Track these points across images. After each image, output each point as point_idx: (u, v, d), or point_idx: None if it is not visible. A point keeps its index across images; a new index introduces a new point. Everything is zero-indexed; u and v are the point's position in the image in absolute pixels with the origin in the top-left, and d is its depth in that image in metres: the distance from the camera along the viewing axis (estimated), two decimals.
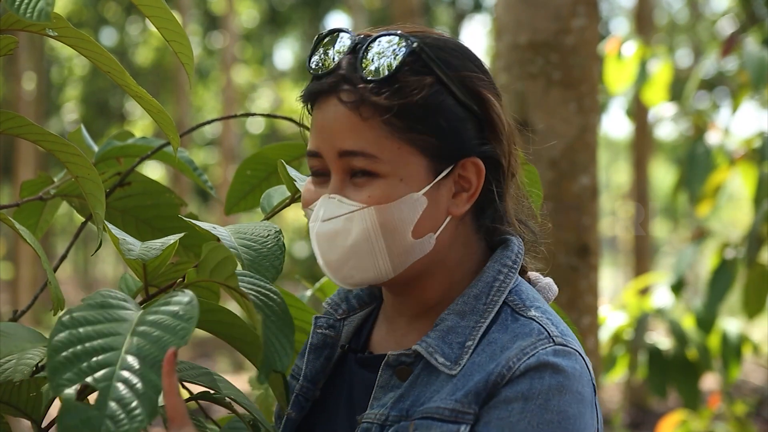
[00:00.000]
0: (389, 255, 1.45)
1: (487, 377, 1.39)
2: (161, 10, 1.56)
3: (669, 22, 17.70)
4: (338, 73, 1.46)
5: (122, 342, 1.23)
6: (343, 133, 1.44)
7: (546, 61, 2.80)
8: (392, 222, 1.44)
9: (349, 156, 1.44)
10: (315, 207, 1.47)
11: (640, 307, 4.80)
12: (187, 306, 1.27)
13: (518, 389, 1.38)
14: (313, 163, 1.49)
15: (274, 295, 1.42)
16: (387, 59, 1.45)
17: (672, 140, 17.54)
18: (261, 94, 18.54)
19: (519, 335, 1.43)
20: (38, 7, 1.33)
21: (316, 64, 1.49)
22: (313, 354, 1.56)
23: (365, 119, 1.43)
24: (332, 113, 1.45)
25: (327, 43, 1.50)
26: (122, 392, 1.18)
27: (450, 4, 18.38)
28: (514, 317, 1.46)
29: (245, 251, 1.50)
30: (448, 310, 1.48)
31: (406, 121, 1.44)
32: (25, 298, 11.11)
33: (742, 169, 4.76)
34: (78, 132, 2.08)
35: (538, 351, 1.40)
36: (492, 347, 1.43)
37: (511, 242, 1.54)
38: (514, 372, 1.39)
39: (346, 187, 1.45)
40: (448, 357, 1.44)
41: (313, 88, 1.48)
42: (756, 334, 8.51)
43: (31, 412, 1.50)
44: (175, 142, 1.63)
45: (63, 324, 1.23)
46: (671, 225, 25.05)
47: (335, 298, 1.61)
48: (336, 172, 1.46)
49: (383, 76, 1.44)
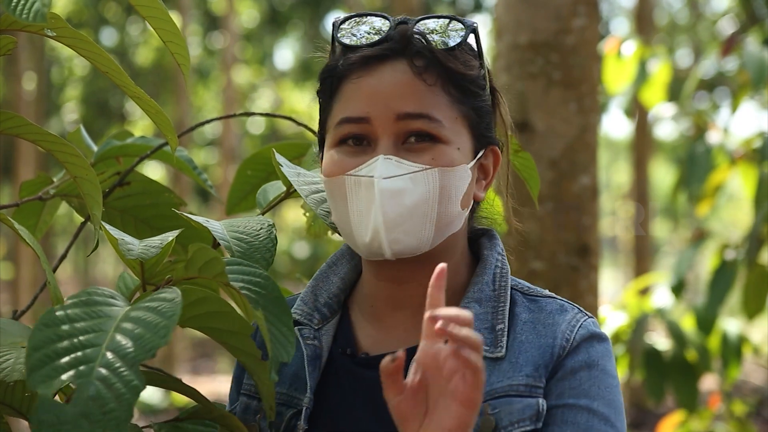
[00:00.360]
0: (436, 223, 1.47)
1: (551, 350, 1.47)
2: (159, 11, 1.56)
3: (669, 22, 17.69)
4: (401, 38, 1.47)
5: (104, 339, 1.22)
6: (406, 96, 1.45)
7: (546, 61, 2.80)
8: (450, 188, 1.46)
9: (410, 119, 1.45)
10: (366, 167, 1.45)
11: (640, 308, 4.80)
12: (171, 303, 1.26)
13: (579, 359, 1.47)
14: (351, 129, 1.47)
15: (265, 281, 1.41)
16: (447, 34, 1.49)
17: (672, 140, 17.54)
18: (261, 94, 18.53)
19: (554, 312, 1.51)
20: (34, 8, 1.33)
21: (361, 34, 1.49)
22: (311, 366, 1.54)
23: (430, 85, 1.46)
24: (390, 77, 1.46)
25: (357, 22, 1.51)
26: (101, 391, 1.16)
27: (450, 4, 18.37)
28: (530, 299, 1.53)
29: (237, 243, 1.50)
30: (467, 299, 1.52)
31: (462, 94, 1.48)
32: (25, 298, 11.11)
33: (742, 169, 4.76)
34: (77, 132, 2.08)
35: (582, 322, 1.49)
36: (531, 326, 1.50)
37: (493, 231, 1.60)
38: (572, 343, 1.47)
39: (400, 151, 1.45)
40: (485, 342, 1.47)
41: (370, 53, 1.47)
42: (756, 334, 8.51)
43: (26, 412, 1.50)
44: (173, 142, 1.63)
45: (44, 322, 1.22)
46: (671, 225, 25.05)
47: (305, 308, 1.58)
48: (389, 136, 1.45)
49: (450, 46, 1.48)
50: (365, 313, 1.58)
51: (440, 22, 1.50)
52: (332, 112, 1.51)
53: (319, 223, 1.91)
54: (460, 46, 1.49)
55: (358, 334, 1.57)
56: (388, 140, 1.45)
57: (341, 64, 1.50)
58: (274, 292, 1.39)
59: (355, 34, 1.50)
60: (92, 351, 1.20)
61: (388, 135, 1.45)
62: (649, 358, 4.71)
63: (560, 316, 1.50)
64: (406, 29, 1.49)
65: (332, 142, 1.49)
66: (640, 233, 10.58)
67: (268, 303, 1.38)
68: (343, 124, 1.47)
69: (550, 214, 2.77)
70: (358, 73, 1.47)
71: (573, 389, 1.45)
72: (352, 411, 1.51)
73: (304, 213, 1.91)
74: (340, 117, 1.48)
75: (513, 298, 1.53)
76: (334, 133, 1.49)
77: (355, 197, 1.45)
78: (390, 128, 1.45)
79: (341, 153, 1.48)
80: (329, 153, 1.50)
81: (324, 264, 1.62)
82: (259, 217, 1.59)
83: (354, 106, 1.47)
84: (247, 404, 1.58)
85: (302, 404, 1.52)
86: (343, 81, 1.49)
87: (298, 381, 1.54)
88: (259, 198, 1.77)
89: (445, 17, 1.50)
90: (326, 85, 1.52)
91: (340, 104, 1.49)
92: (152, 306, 1.27)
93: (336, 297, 1.59)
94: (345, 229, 1.50)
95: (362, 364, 1.53)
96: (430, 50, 1.47)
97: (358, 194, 1.45)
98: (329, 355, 1.56)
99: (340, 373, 1.54)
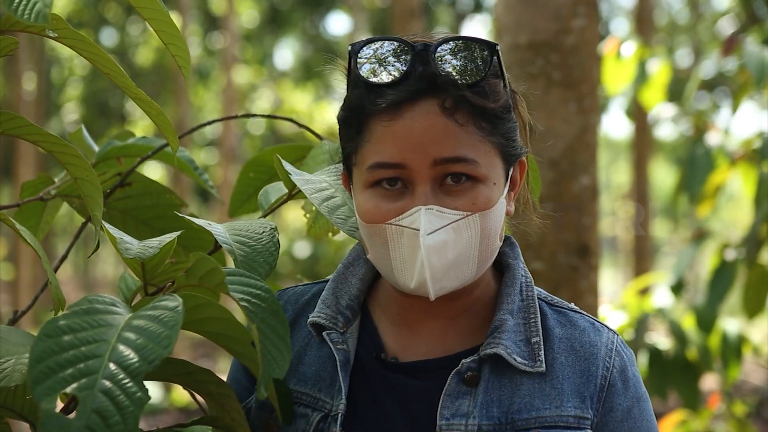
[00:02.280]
0: (478, 261, 1.46)
1: (594, 381, 1.49)
2: (159, 12, 1.56)
3: (669, 22, 17.69)
4: (428, 77, 1.43)
5: (107, 349, 1.21)
6: (441, 140, 1.42)
7: (546, 62, 2.80)
8: (490, 227, 1.46)
9: (446, 163, 1.42)
10: (407, 217, 1.43)
11: (640, 308, 4.80)
12: (173, 312, 1.25)
13: (630, 396, 1.51)
14: (386, 174, 1.44)
15: (264, 294, 1.40)
16: (471, 63, 1.46)
17: (672, 140, 17.53)
18: (261, 95, 18.52)
19: (586, 330, 1.53)
20: (36, 9, 1.33)
21: (386, 73, 1.45)
22: (343, 371, 1.53)
23: (462, 125, 1.43)
24: (423, 121, 1.42)
25: (375, 50, 1.46)
26: (104, 404, 1.15)
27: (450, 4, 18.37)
28: (557, 311, 1.55)
29: (239, 247, 1.50)
30: (502, 311, 1.52)
31: (492, 125, 1.46)
32: (26, 299, 11.10)
33: (742, 169, 4.76)
34: (78, 132, 2.08)
35: (616, 347, 1.53)
36: (567, 343, 1.51)
37: (512, 240, 1.60)
38: (612, 372, 1.51)
39: (438, 195, 1.43)
40: (523, 356, 1.48)
41: (396, 97, 1.43)
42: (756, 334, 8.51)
43: (28, 415, 1.50)
44: (173, 144, 1.63)
45: (46, 332, 1.21)
46: (671, 225, 25.04)
47: (328, 312, 1.57)
48: (426, 181, 1.42)
49: (477, 79, 1.45)
50: (390, 316, 1.57)
51: (462, 53, 1.45)
52: (361, 150, 1.47)
53: (320, 224, 1.91)
54: (486, 77, 1.46)
55: (384, 337, 1.56)
56: (425, 186, 1.43)
57: (368, 106, 1.45)
58: (273, 305, 1.39)
59: (377, 70, 1.45)
60: (95, 362, 1.20)
61: (426, 181, 1.42)
62: (650, 357, 4.71)
63: (596, 337, 1.53)
64: (430, 67, 1.43)
65: (365, 183, 1.46)
66: (640, 233, 10.58)
67: (267, 316, 1.38)
68: (377, 168, 1.44)
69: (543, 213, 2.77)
70: (389, 115, 1.43)
71: (630, 429, 1.51)
72: (384, 415, 1.51)
73: (304, 214, 1.91)
74: (374, 161, 1.44)
75: (541, 309, 1.54)
76: (367, 176, 1.46)
77: (398, 245, 1.44)
78: (427, 174, 1.42)
79: (377, 197, 1.45)
80: (363, 195, 1.47)
81: (340, 265, 1.62)
82: (261, 221, 1.59)
83: (388, 152, 1.43)
84: (264, 400, 1.57)
85: (334, 409, 1.51)
86: (371, 121, 1.45)
87: (322, 382, 1.54)
88: (260, 200, 1.77)
89: (465, 39, 1.46)
90: (352, 122, 1.48)
91: (370, 145, 1.45)
92: (154, 315, 1.26)
93: (356, 299, 1.59)
94: (384, 269, 1.48)
95: (393, 369, 1.53)
96: (458, 90, 1.43)
97: (401, 243, 1.44)
98: (356, 358, 1.55)
99: (371, 377, 1.53)
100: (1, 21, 1.48)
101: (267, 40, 19.38)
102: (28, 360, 1.19)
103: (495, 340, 1.48)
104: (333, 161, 1.72)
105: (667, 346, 4.76)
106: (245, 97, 17.48)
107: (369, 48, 1.47)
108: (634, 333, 4.70)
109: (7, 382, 1.40)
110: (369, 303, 1.60)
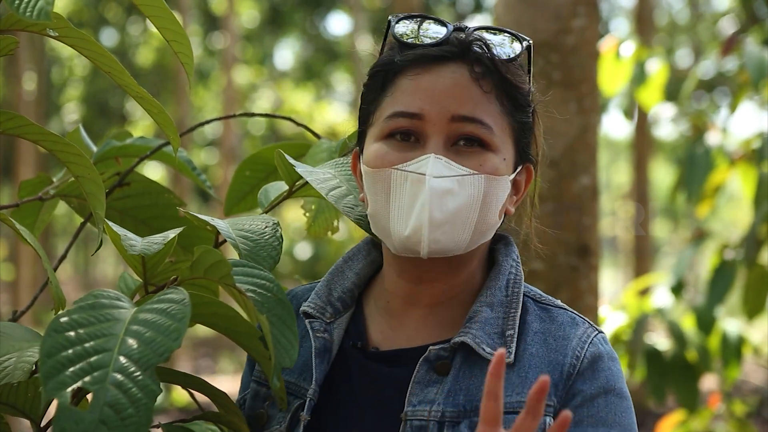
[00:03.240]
0: (474, 229, 1.48)
1: (560, 368, 1.47)
2: (161, 10, 1.56)
3: (669, 22, 17.69)
4: (462, 43, 1.48)
5: (115, 343, 1.22)
6: (462, 99, 1.46)
7: (546, 61, 2.80)
8: (492, 196, 1.47)
9: (463, 122, 1.45)
10: (415, 163, 1.45)
11: (639, 308, 4.80)
12: (180, 305, 1.26)
13: (596, 384, 1.47)
14: (402, 123, 1.47)
15: (270, 283, 1.41)
16: (505, 47, 1.50)
17: (672, 140, 17.54)
18: (261, 95, 18.52)
19: (564, 324, 1.51)
20: (38, 7, 1.33)
21: (424, 33, 1.50)
22: (319, 359, 1.55)
23: (485, 92, 1.47)
24: (449, 78, 1.46)
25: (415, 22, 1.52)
26: (117, 396, 1.16)
27: (450, 4, 18.37)
28: (541, 308, 1.54)
29: (243, 242, 1.51)
30: (480, 302, 1.52)
31: (513, 106, 1.50)
32: (25, 299, 11.11)
33: (742, 169, 4.76)
34: (76, 132, 2.08)
35: (592, 339, 1.50)
36: (541, 337, 1.50)
37: (509, 238, 1.60)
38: (582, 361, 1.48)
39: (449, 152, 1.46)
40: (492, 347, 1.48)
41: (430, 53, 1.48)
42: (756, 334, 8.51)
43: (30, 412, 1.50)
44: (175, 142, 1.64)
45: (55, 328, 1.22)
46: (671, 225, 25.04)
47: (318, 302, 1.59)
48: (440, 135, 1.46)
49: (510, 57, 1.49)
50: (380, 308, 1.59)
51: (498, 36, 1.51)
52: (381, 105, 1.50)
53: (319, 223, 1.91)
54: (518, 59, 1.51)
55: (370, 328, 1.58)
56: (438, 140, 1.45)
57: (398, 59, 1.50)
58: (279, 294, 1.40)
59: (413, 33, 1.51)
60: (104, 356, 1.20)
61: (440, 135, 1.45)
62: (649, 358, 4.71)
63: (571, 330, 1.51)
64: (467, 35, 1.49)
65: (379, 135, 1.49)
66: (640, 233, 10.58)
67: (274, 306, 1.39)
68: (395, 117, 1.47)
69: (550, 214, 2.77)
70: (416, 70, 1.48)
71: (591, 417, 1.47)
72: (357, 402, 1.52)
73: (304, 213, 1.92)
74: (393, 110, 1.48)
75: (525, 305, 1.54)
76: (383, 126, 1.49)
77: (399, 192, 1.46)
78: (442, 128, 1.45)
79: (388, 146, 1.48)
80: (375, 145, 1.49)
81: (340, 259, 1.63)
82: (263, 216, 1.60)
83: (408, 101, 1.47)
84: (257, 391, 1.60)
85: (307, 395, 1.53)
86: (398, 76, 1.49)
87: (307, 372, 1.55)
88: (260, 198, 1.77)
89: (502, 31, 1.51)
90: (378, 78, 1.52)
91: (392, 98, 1.49)
92: (160, 308, 1.26)
93: (350, 292, 1.60)
94: (381, 221, 1.49)
95: (372, 358, 1.55)
96: (491, 58, 1.47)
97: (403, 189, 1.45)
98: (341, 348, 1.57)
99: (350, 366, 1.55)
100: (1, 20, 1.48)
101: (267, 40, 19.38)
102: (39, 355, 1.19)
103: (466, 329, 1.49)
104: (342, 153, 1.75)
105: (667, 347, 4.77)
106: (245, 97, 17.48)
107: (410, 20, 1.53)
108: (634, 333, 4.70)
109: (9, 379, 1.40)
110: (364, 298, 1.62)
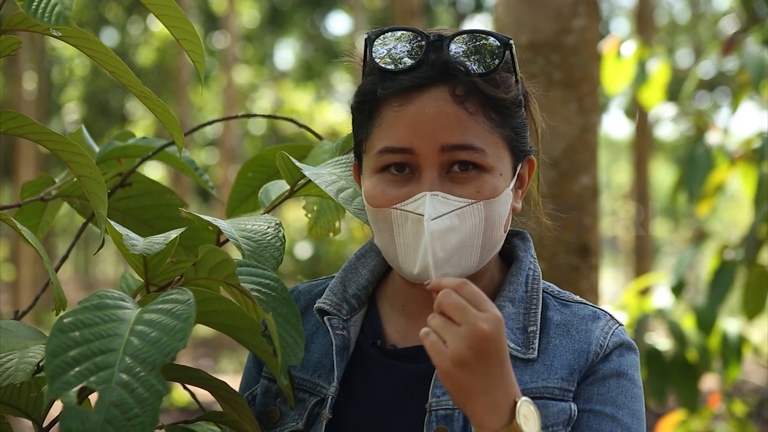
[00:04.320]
0: (481, 251, 1.48)
1: (585, 356, 1.49)
2: (171, 8, 1.55)
3: (670, 22, 17.69)
4: (440, 64, 1.46)
5: (120, 343, 1.22)
6: (449, 127, 1.44)
7: (546, 61, 2.80)
8: (494, 217, 1.48)
9: (454, 150, 1.44)
10: (412, 203, 1.45)
11: (640, 308, 4.80)
12: (185, 305, 1.26)
13: (610, 366, 1.49)
14: (393, 159, 1.46)
15: (274, 283, 1.41)
16: (484, 55, 1.48)
17: (672, 140, 17.53)
18: (262, 95, 18.52)
19: (586, 318, 1.54)
20: (56, 11, 1.33)
21: (397, 53, 1.48)
22: (339, 356, 1.55)
23: (471, 114, 1.45)
24: (433, 107, 1.44)
25: (391, 38, 1.49)
26: (122, 396, 1.17)
27: (451, 4, 18.37)
28: (561, 303, 1.56)
29: (246, 242, 1.51)
30: (502, 297, 1.54)
31: (502, 117, 1.48)
32: (26, 299, 11.11)
33: (742, 169, 4.76)
34: (79, 132, 2.08)
35: (614, 330, 1.53)
36: (564, 329, 1.52)
37: (526, 234, 1.62)
38: (605, 349, 1.50)
39: (444, 182, 1.45)
40: (516, 342, 1.50)
41: (408, 83, 1.46)
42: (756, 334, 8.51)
43: (32, 412, 1.50)
44: (179, 141, 1.64)
45: (60, 328, 1.22)
46: (672, 225, 25.03)
47: (334, 299, 1.60)
48: (433, 167, 1.45)
49: (490, 69, 1.47)
50: (395, 308, 1.60)
51: (475, 43, 1.48)
52: (371, 136, 1.49)
53: (321, 224, 1.91)
54: (498, 68, 1.48)
55: (386, 326, 1.59)
56: (432, 172, 1.44)
57: (380, 90, 1.48)
58: (283, 293, 1.40)
59: (392, 56, 1.48)
60: (110, 356, 1.21)
61: (433, 167, 1.44)
62: (650, 358, 4.71)
63: (593, 323, 1.53)
64: (443, 54, 1.46)
65: (374, 168, 1.49)
66: (641, 233, 10.58)
67: (278, 305, 1.39)
68: (386, 153, 1.46)
69: (551, 214, 2.77)
70: (399, 101, 1.46)
71: (601, 395, 1.49)
72: (377, 397, 1.53)
73: (306, 214, 1.92)
74: (383, 146, 1.47)
75: (545, 301, 1.56)
76: (375, 161, 1.48)
77: (402, 230, 1.46)
78: (434, 160, 1.44)
79: (384, 182, 1.47)
80: (371, 179, 1.49)
81: (352, 256, 1.64)
82: (265, 216, 1.60)
83: (396, 136, 1.45)
84: (268, 387, 1.60)
85: (327, 393, 1.53)
86: (382, 106, 1.48)
87: (322, 368, 1.56)
88: (261, 197, 1.77)
89: (479, 33, 1.48)
90: (364, 108, 1.51)
91: (380, 131, 1.47)
92: (165, 308, 1.27)
93: (365, 289, 1.61)
94: (389, 254, 1.51)
95: (391, 355, 1.55)
96: (470, 77, 1.45)
97: (405, 228, 1.46)
98: (356, 345, 1.58)
99: (368, 363, 1.56)
100: (4, 21, 1.48)
101: (267, 40, 19.38)
102: (44, 355, 1.20)
103: None
104: (343, 151, 1.74)
105: (667, 347, 4.77)
106: (246, 97, 17.48)
107: (385, 36, 1.50)
108: (634, 333, 4.70)
109: (11, 380, 1.40)
110: (377, 295, 1.63)
